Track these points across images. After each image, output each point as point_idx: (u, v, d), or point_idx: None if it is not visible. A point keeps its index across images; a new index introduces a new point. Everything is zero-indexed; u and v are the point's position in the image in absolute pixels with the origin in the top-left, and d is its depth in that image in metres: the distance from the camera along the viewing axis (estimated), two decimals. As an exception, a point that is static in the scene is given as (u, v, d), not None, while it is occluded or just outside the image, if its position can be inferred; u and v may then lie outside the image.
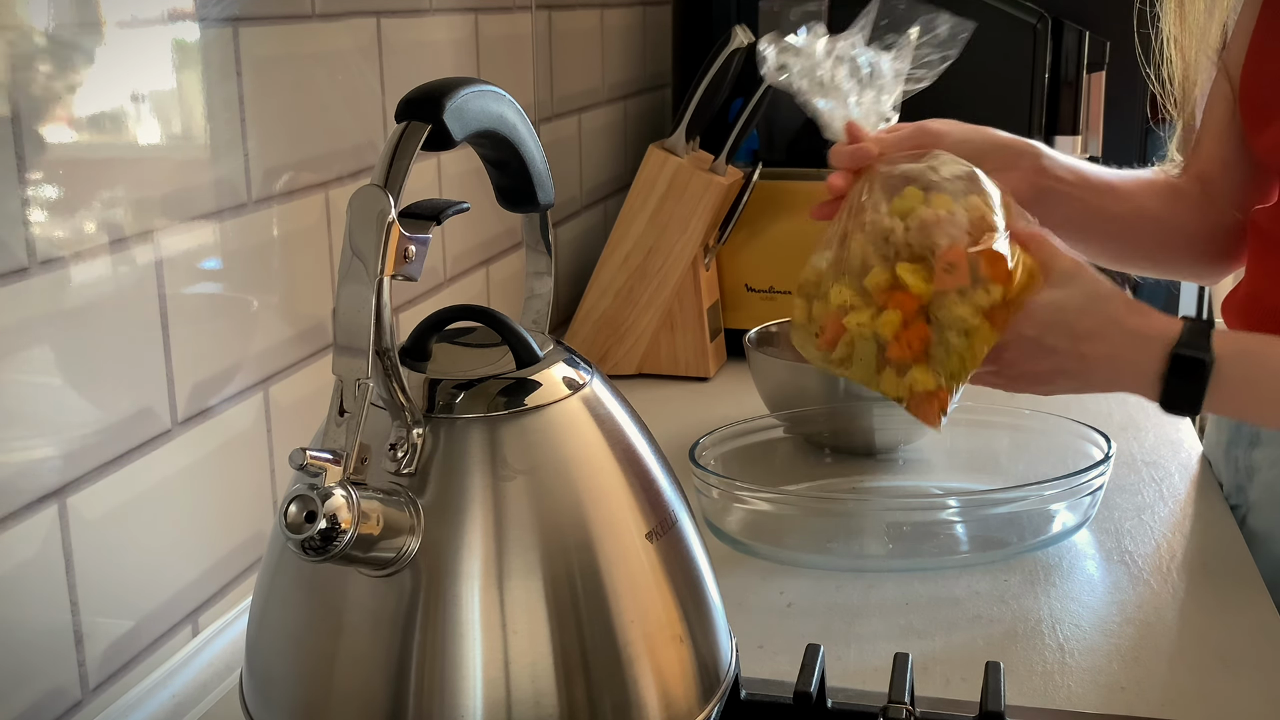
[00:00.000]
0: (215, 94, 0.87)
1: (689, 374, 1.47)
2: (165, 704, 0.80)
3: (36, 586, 0.73)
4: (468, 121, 0.58)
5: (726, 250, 1.52)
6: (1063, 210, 1.04)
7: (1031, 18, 1.62)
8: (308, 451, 0.53)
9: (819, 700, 0.71)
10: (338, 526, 0.51)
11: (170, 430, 0.84)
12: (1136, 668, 0.84)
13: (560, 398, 0.61)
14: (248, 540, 0.93)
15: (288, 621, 0.61)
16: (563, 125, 1.54)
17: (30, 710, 0.73)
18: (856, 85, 0.95)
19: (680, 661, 0.61)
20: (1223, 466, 1.13)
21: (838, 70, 0.94)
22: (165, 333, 0.83)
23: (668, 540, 0.62)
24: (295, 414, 0.98)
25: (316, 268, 1.00)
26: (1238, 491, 1.10)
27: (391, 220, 0.54)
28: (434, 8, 1.18)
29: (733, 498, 1.03)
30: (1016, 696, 0.80)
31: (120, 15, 0.78)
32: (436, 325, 0.64)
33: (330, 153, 1.02)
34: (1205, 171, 1.08)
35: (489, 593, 0.56)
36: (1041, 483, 1.00)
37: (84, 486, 0.76)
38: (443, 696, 0.56)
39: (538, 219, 0.67)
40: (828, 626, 0.90)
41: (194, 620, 0.87)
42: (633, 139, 1.81)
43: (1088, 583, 0.96)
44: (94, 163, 0.76)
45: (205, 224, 0.87)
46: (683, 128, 1.45)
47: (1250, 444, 1.08)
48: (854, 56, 0.94)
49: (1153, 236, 1.09)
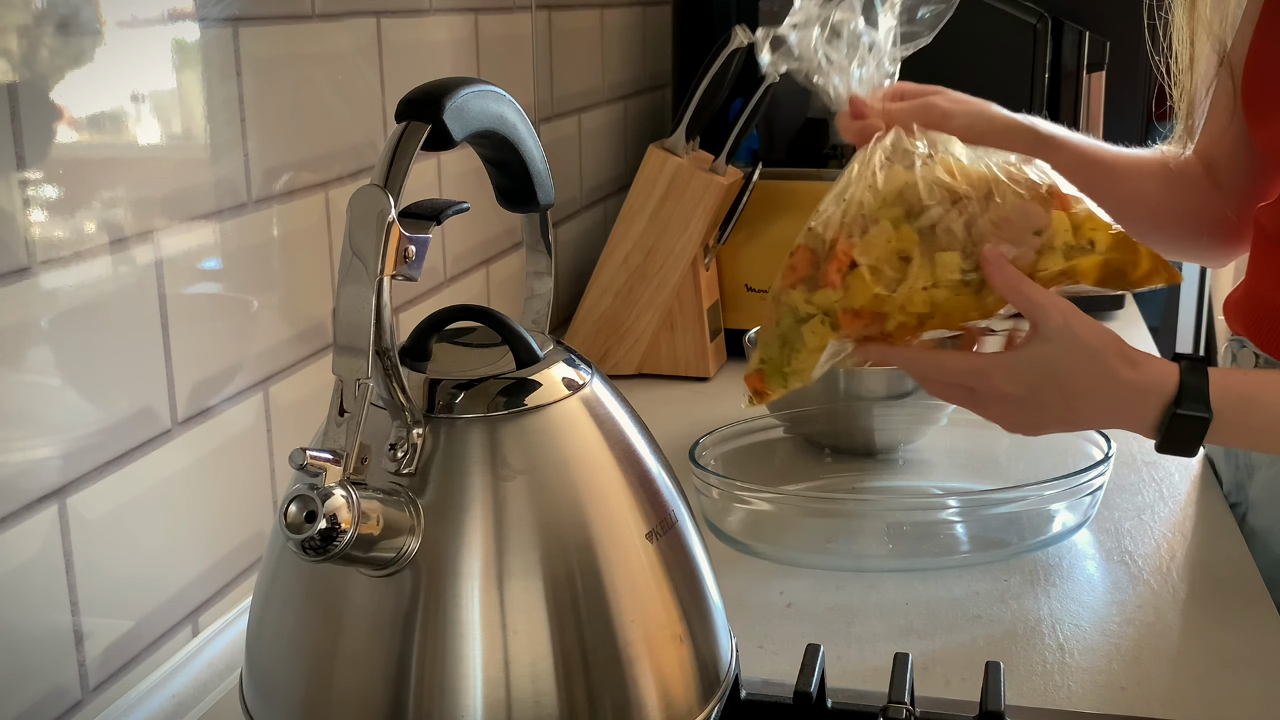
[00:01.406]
0: (215, 94, 0.87)
1: (689, 374, 1.47)
2: (165, 704, 0.80)
3: (36, 586, 0.73)
4: (468, 121, 0.58)
5: (726, 250, 1.52)
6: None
7: (1031, 18, 1.62)
8: (308, 451, 0.53)
9: (819, 700, 0.71)
10: (338, 526, 0.51)
11: (170, 430, 0.84)
12: (1136, 668, 0.84)
13: (560, 398, 0.61)
14: (248, 540, 0.93)
15: (288, 621, 0.61)
16: (563, 125, 1.54)
17: (30, 710, 0.73)
18: (854, 55, 0.92)
19: (680, 661, 0.61)
20: (1223, 464, 1.13)
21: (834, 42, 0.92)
22: (165, 333, 0.83)
23: (668, 540, 0.62)
24: (295, 414, 0.98)
25: (316, 268, 1.00)
26: (1237, 490, 1.10)
27: (391, 220, 0.54)
28: (434, 8, 1.18)
29: (733, 498, 1.03)
30: (1016, 696, 0.80)
31: (120, 15, 0.78)
32: (436, 325, 0.64)
33: (330, 153, 1.02)
34: (1211, 156, 1.07)
35: (489, 593, 0.56)
36: (1041, 483, 1.00)
37: (84, 486, 0.76)
38: (443, 696, 0.56)
39: (538, 219, 0.67)
40: (828, 626, 0.90)
41: (194, 620, 0.87)
42: (633, 139, 1.81)
43: (1088, 583, 0.96)
44: (94, 163, 0.76)
45: (205, 224, 0.87)
46: (683, 128, 1.45)
47: None
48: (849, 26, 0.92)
49: (1150, 217, 1.08)
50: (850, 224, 0.85)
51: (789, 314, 0.87)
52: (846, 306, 0.85)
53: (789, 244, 1.01)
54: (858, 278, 0.84)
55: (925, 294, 0.84)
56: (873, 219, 0.84)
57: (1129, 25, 1.11)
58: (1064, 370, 0.84)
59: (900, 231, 0.84)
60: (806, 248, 0.87)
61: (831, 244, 0.85)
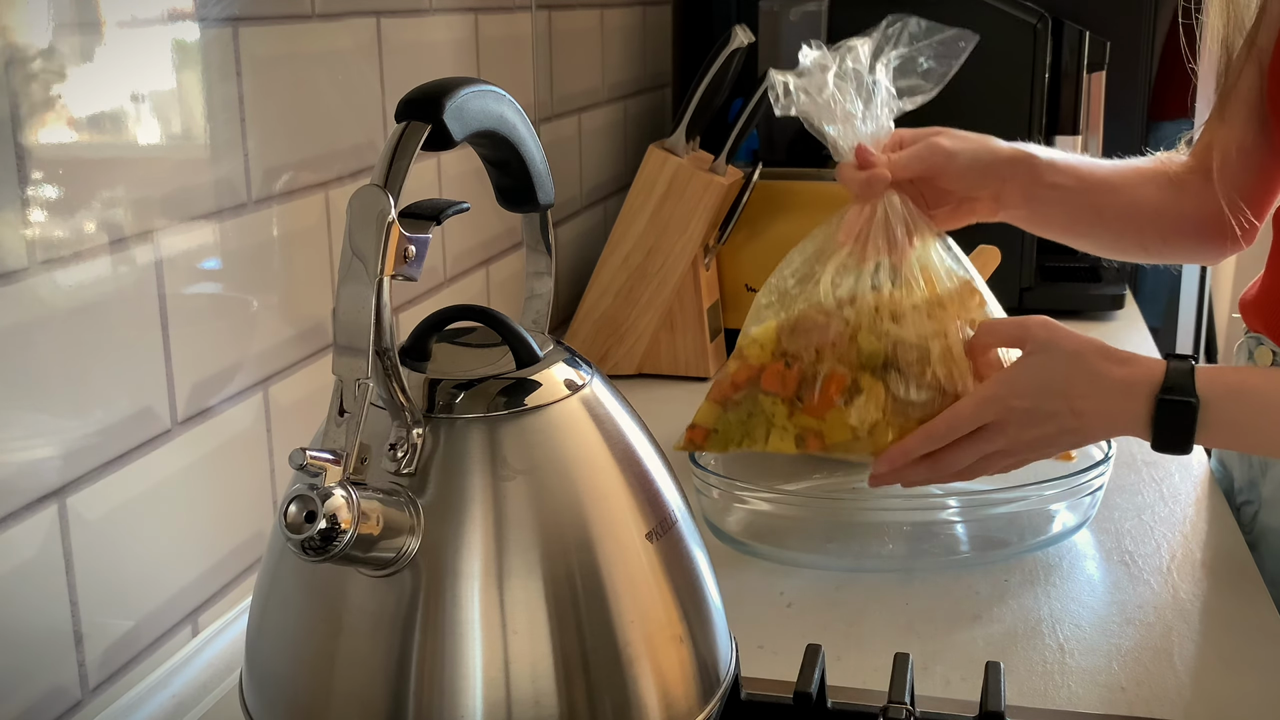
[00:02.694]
0: (215, 94, 0.87)
1: (689, 374, 1.47)
2: (165, 704, 0.80)
3: (36, 586, 0.73)
4: (468, 121, 0.58)
5: (726, 250, 1.52)
6: (1060, 211, 1.04)
7: (1031, 18, 1.62)
8: (308, 451, 0.53)
9: (819, 700, 0.71)
10: (338, 526, 0.51)
11: (170, 430, 0.84)
12: (1136, 668, 0.84)
13: (560, 398, 0.61)
14: (248, 540, 0.93)
15: (288, 621, 0.61)
16: (563, 125, 1.54)
17: (30, 710, 0.73)
18: (861, 104, 0.97)
19: (680, 661, 0.61)
20: (1236, 461, 1.13)
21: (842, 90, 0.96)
22: (165, 333, 0.83)
23: (668, 540, 0.62)
24: (295, 414, 0.98)
25: (316, 268, 1.00)
26: (1250, 487, 1.10)
27: (391, 220, 0.54)
28: (434, 8, 1.18)
29: (733, 498, 1.03)
30: (1016, 696, 0.80)
31: (120, 15, 0.78)
32: (436, 325, 0.64)
33: (330, 153, 1.02)
34: (1225, 151, 1.07)
35: (489, 593, 0.56)
36: (1041, 482, 1.00)
37: (84, 486, 0.76)
38: (443, 696, 0.56)
39: (538, 219, 0.67)
40: (828, 626, 0.90)
41: (194, 620, 0.87)
42: (633, 139, 1.81)
43: (1088, 583, 0.96)
44: (94, 163, 0.76)
45: (205, 224, 0.87)
46: (683, 128, 1.45)
47: None
48: (857, 73, 0.96)
49: (1152, 226, 1.09)
50: (840, 355, 0.95)
51: (761, 413, 0.96)
52: (818, 432, 0.95)
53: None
54: (838, 417, 0.94)
55: (888, 424, 0.94)
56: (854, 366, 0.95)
57: (1129, 25, 1.11)
58: (1060, 377, 0.89)
59: (876, 386, 0.94)
60: (785, 357, 0.97)
61: (827, 377, 0.95)
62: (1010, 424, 0.89)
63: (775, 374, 0.97)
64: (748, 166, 1.54)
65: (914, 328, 0.95)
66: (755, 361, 0.98)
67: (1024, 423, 0.89)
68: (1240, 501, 1.11)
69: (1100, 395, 0.88)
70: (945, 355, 0.94)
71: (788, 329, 0.97)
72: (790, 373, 0.96)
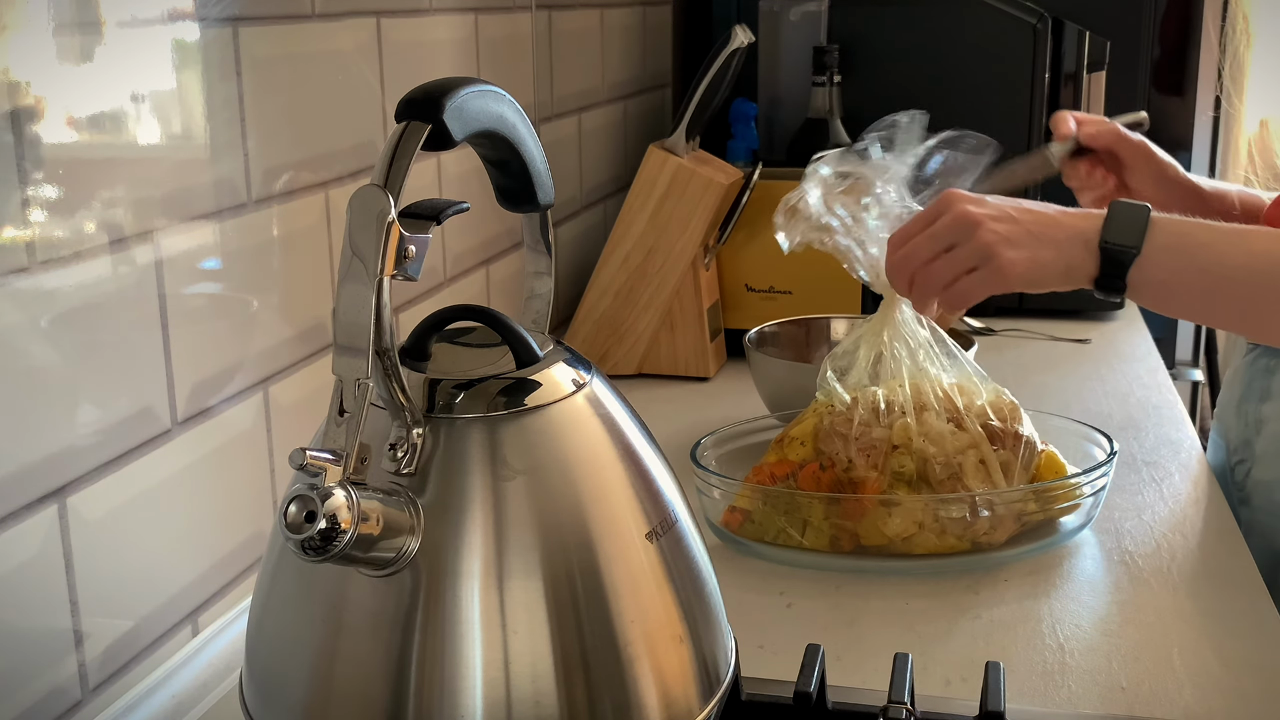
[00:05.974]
0: (215, 94, 0.87)
1: (689, 374, 1.47)
2: (165, 704, 0.80)
3: (36, 586, 0.73)
4: (468, 121, 0.58)
5: (726, 250, 1.52)
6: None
7: (1031, 18, 1.62)
8: (308, 451, 0.53)
9: (819, 700, 0.71)
10: (338, 526, 0.51)
11: (170, 430, 0.84)
12: (1136, 668, 0.84)
13: (560, 398, 0.61)
14: (248, 540, 0.93)
15: (288, 621, 0.61)
16: (563, 125, 1.54)
17: (30, 710, 0.73)
18: (883, 224, 1.02)
19: (680, 661, 0.61)
20: (1233, 422, 1.14)
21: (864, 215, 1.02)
22: (165, 333, 0.83)
23: (668, 540, 0.62)
24: (295, 414, 0.98)
25: (316, 268, 1.00)
26: (1244, 446, 1.10)
27: (391, 220, 0.54)
28: (434, 8, 1.18)
29: (733, 498, 1.03)
30: (1016, 696, 0.80)
31: (120, 15, 0.78)
32: (436, 325, 0.64)
33: (330, 153, 1.02)
34: None
35: (489, 593, 0.56)
36: (1041, 483, 0.99)
37: (84, 486, 0.76)
38: (443, 696, 0.56)
39: (538, 219, 0.67)
40: (828, 626, 0.90)
41: (194, 620, 0.87)
42: (633, 139, 1.81)
43: (1088, 583, 0.96)
44: (94, 163, 0.76)
45: (205, 224, 0.87)
46: (683, 128, 1.45)
47: (1261, 398, 1.09)
48: (879, 195, 1.01)
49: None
50: (875, 463, 0.98)
51: (798, 510, 0.99)
52: (854, 534, 0.98)
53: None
54: (873, 524, 0.97)
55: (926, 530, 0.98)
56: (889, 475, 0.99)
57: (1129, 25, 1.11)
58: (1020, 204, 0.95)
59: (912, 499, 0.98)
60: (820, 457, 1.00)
61: (860, 484, 0.98)
62: (967, 216, 0.93)
63: (810, 475, 1.00)
64: (748, 166, 1.54)
65: (950, 443, 0.98)
66: (795, 458, 1.02)
67: (999, 215, 0.93)
68: (1234, 462, 1.11)
69: (1052, 212, 0.93)
70: (977, 469, 0.98)
71: (824, 432, 1.01)
72: (825, 475, 1.00)
